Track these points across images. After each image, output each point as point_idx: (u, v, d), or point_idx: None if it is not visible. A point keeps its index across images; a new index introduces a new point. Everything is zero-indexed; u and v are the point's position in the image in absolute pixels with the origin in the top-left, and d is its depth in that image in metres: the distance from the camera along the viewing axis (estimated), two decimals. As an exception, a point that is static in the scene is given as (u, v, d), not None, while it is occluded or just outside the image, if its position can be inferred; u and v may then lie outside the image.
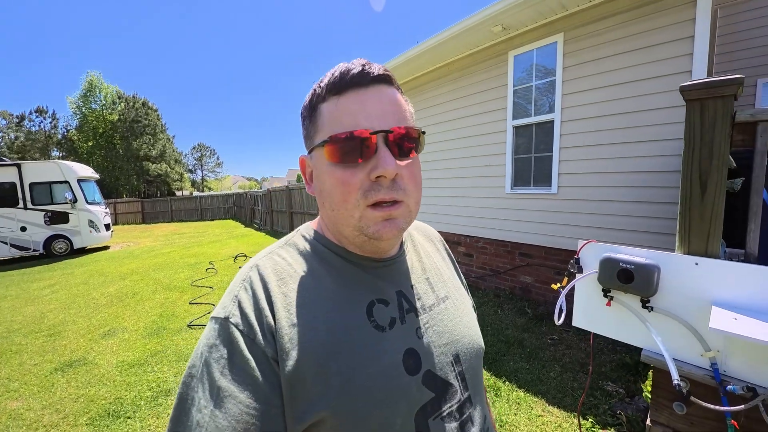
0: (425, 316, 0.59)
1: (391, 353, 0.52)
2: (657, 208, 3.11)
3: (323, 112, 0.52)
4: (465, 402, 0.57)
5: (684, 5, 2.84)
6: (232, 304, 0.50)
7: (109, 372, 3.19)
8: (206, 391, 0.45)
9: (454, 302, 0.66)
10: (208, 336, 0.49)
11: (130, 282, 6.49)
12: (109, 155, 32.90)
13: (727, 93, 1.19)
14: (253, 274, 0.53)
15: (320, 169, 0.53)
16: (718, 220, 1.26)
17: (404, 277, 0.61)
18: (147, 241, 12.61)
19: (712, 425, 1.28)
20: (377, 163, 0.49)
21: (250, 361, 0.45)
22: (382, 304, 0.55)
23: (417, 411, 0.51)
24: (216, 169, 65.02)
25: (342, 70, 0.50)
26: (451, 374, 0.56)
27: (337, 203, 0.52)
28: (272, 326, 0.48)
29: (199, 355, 0.48)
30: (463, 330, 0.63)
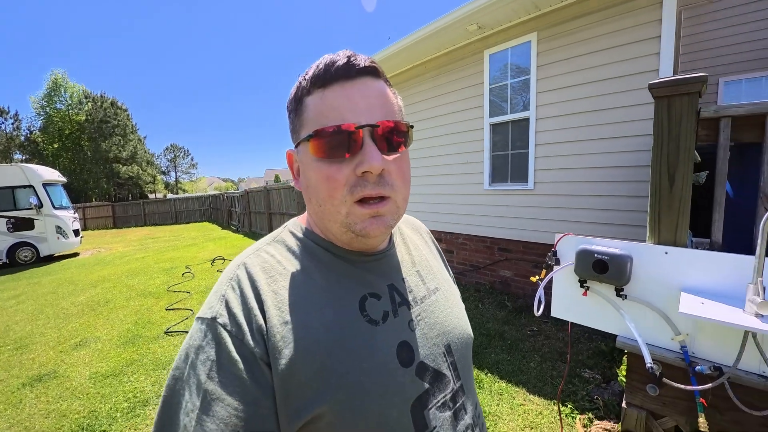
0: (417, 309, 0.59)
1: (385, 347, 0.52)
2: (627, 201, 3.25)
3: (308, 106, 0.50)
4: (458, 391, 0.58)
5: (651, 6, 2.96)
6: (219, 303, 0.49)
7: (82, 384, 3.05)
8: (193, 394, 0.44)
9: (443, 294, 0.66)
10: (193, 337, 0.48)
11: (102, 289, 6.22)
12: (77, 157, 31.33)
13: (692, 90, 1.25)
14: (240, 273, 0.52)
15: (306, 164, 0.52)
16: (686, 211, 1.33)
17: (395, 271, 0.61)
18: (119, 247, 12.12)
19: (683, 404, 1.36)
20: (363, 158, 0.47)
21: (238, 363, 0.44)
22: (374, 298, 0.55)
23: (413, 403, 0.51)
24: (190, 170, 63.13)
25: (327, 62, 0.49)
26: (443, 365, 0.57)
27: (323, 199, 0.51)
28: (262, 326, 0.47)
29: (185, 357, 0.47)
30: (453, 321, 0.63)
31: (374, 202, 0.50)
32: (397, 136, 0.51)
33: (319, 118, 0.49)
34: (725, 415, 1.27)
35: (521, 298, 4.19)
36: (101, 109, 32.74)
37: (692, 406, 1.31)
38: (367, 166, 0.47)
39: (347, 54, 0.49)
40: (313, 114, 0.50)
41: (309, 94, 0.50)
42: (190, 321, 4.35)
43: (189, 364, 0.46)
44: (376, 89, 0.50)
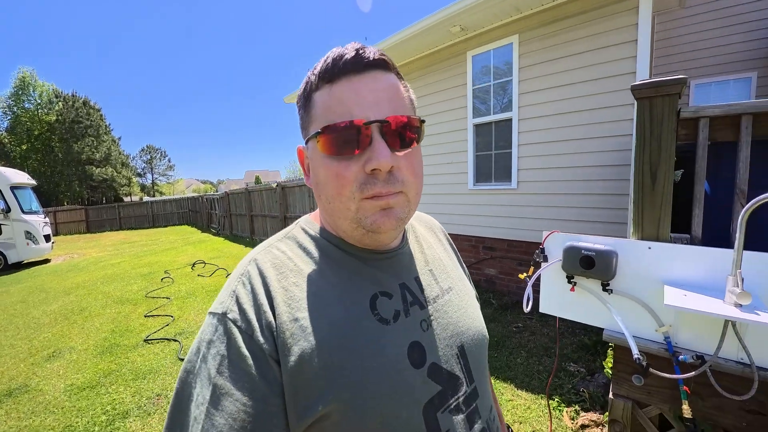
0: (430, 309, 0.58)
1: (396, 347, 0.51)
2: (607, 199, 3.35)
3: (316, 102, 0.49)
4: (471, 394, 0.57)
5: (627, 11, 3.07)
6: (230, 299, 0.49)
7: (57, 398, 2.91)
8: (204, 387, 0.44)
9: (457, 293, 0.65)
10: (205, 331, 0.48)
11: (76, 297, 5.97)
12: (47, 159, 30.00)
13: (672, 92, 1.30)
14: (251, 269, 0.52)
15: (316, 161, 0.52)
16: (668, 208, 1.38)
17: (407, 270, 0.60)
18: (93, 252, 11.65)
19: (667, 393, 1.41)
20: (371, 155, 0.46)
21: (247, 359, 0.44)
22: (386, 297, 0.54)
23: (425, 404, 0.50)
24: (168, 172, 61.37)
25: (335, 56, 0.48)
26: (456, 366, 0.56)
27: (332, 196, 0.50)
28: (272, 322, 0.47)
29: (196, 350, 0.48)
30: (467, 321, 0.62)
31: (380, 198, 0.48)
32: (409, 131, 0.49)
33: (327, 114, 0.48)
34: (707, 402, 1.32)
35: (506, 296, 4.27)
36: (73, 109, 31.48)
37: (676, 394, 1.36)
38: (376, 163, 0.46)
39: (356, 47, 0.48)
40: (321, 110, 0.49)
41: (317, 90, 0.49)
42: (171, 328, 4.23)
43: (200, 357, 0.47)
44: (385, 82, 0.49)
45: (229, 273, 6.85)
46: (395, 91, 0.50)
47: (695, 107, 1.37)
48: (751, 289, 1.19)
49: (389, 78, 0.50)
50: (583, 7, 3.32)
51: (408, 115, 0.50)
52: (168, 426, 0.46)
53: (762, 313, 1.09)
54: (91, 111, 33.42)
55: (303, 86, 0.53)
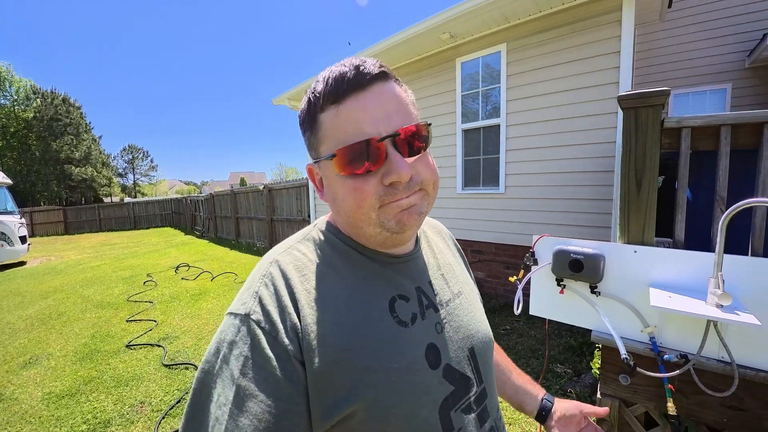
0: (443, 312, 0.60)
1: (415, 348, 0.53)
2: (591, 204, 3.45)
3: (324, 123, 0.50)
4: (481, 394, 0.59)
5: (610, 24, 3.18)
6: (253, 300, 0.49)
7: (34, 407, 2.79)
8: (226, 387, 0.44)
9: (467, 297, 0.67)
10: (226, 332, 0.48)
11: (54, 301, 5.76)
12: (24, 158, 28.94)
13: (656, 102, 1.37)
14: (273, 270, 0.52)
15: (332, 179, 0.52)
16: (652, 213, 1.44)
17: (421, 273, 0.62)
18: (72, 254, 11.27)
19: (652, 391, 1.46)
20: (390, 169, 0.48)
21: (271, 360, 0.45)
22: (403, 300, 0.56)
23: (440, 404, 0.52)
24: (150, 172, 59.95)
25: (336, 76, 0.48)
26: (467, 367, 0.58)
27: (351, 210, 0.51)
28: (296, 324, 0.47)
29: (215, 350, 0.48)
30: (476, 324, 0.65)
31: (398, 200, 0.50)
32: (418, 140, 0.51)
33: (338, 134, 0.48)
34: (690, 399, 1.37)
35: (494, 299, 4.32)
36: (52, 106, 30.48)
37: (661, 393, 1.41)
38: (396, 176, 0.47)
39: (354, 64, 0.48)
40: (331, 130, 0.49)
41: (323, 111, 0.49)
42: (154, 333, 4.13)
43: (221, 358, 0.47)
44: (389, 94, 0.49)
45: (214, 276, 6.74)
46: (399, 101, 0.51)
47: (678, 117, 1.43)
48: (732, 291, 1.25)
49: (391, 87, 0.51)
50: (569, 18, 3.42)
51: (416, 123, 0.51)
52: (185, 426, 0.46)
53: (741, 313, 1.15)
54: (70, 108, 32.43)
55: (305, 107, 0.52)
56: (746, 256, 1.28)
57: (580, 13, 3.34)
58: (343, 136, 0.47)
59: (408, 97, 0.53)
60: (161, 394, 2.86)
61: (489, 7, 3.53)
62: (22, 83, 29.24)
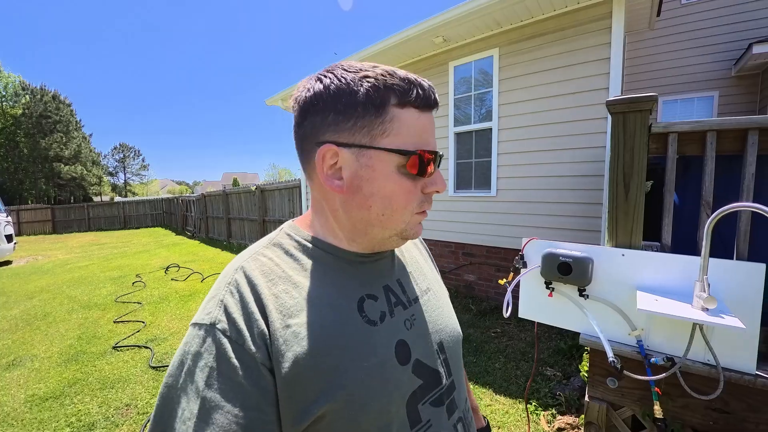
0: (411, 309, 0.61)
1: (384, 346, 0.54)
2: (581, 208, 3.48)
3: (401, 119, 0.50)
4: (449, 386, 0.61)
5: (601, 31, 3.23)
6: (218, 309, 0.49)
7: (16, 409, 2.73)
8: (190, 401, 0.43)
9: (435, 294, 0.69)
10: (190, 343, 0.47)
11: (40, 301, 5.65)
12: (11, 155, 28.40)
13: (644, 108, 1.39)
14: (239, 277, 0.52)
15: (379, 172, 0.50)
16: (640, 217, 1.46)
17: (389, 272, 0.63)
18: (59, 254, 11.08)
19: (639, 394, 1.47)
20: (435, 181, 0.54)
21: (238, 369, 0.44)
22: (372, 299, 0.57)
23: (408, 398, 0.54)
24: (141, 172, 59.17)
25: (427, 92, 0.51)
26: (437, 361, 0.60)
27: (395, 208, 0.52)
28: (264, 331, 0.47)
29: (179, 363, 0.47)
30: (445, 320, 0.67)
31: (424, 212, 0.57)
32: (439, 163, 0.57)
33: (414, 137, 0.51)
34: (676, 401, 1.39)
35: (485, 301, 4.34)
36: (41, 103, 29.98)
37: (648, 395, 1.42)
38: (440, 187, 0.55)
39: (433, 88, 0.53)
40: (407, 130, 0.50)
41: (401, 107, 0.50)
42: (141, 334, 4.07)
43: (185, 371, 0.46)
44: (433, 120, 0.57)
45: (204, 277, 6.67)
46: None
47: (665, 123, 1.45)
48: (717, 294, 1.27)
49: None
50: (560, 24, 3.47)
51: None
52: None
53: (726, 317, 1.16)
54: (60, 106, 31.93)
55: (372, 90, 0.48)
56: (731, 260, 1.30)
57: (571, 20, 3.39)
58: (418, 141, 0.51)
59: None
60: (147, 396, 2.81)
61: (481, 12, 3.56)
62: (11, 79, 28.73)
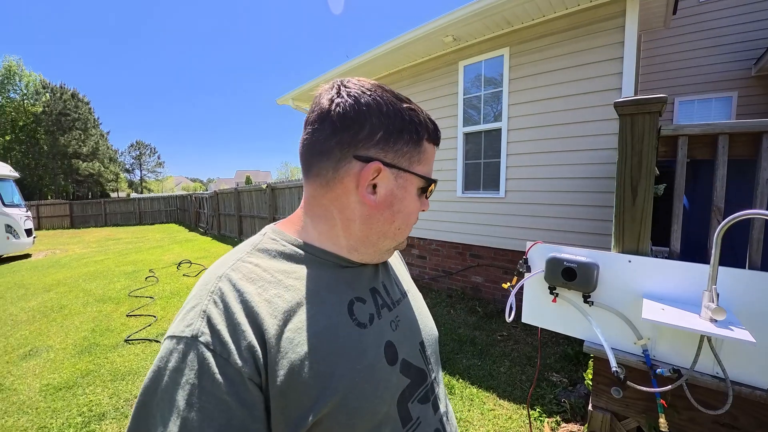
0: (395, 311, 0.63)
1: (374, 348, 0.54)
2: (592, 210, 3.41)
3: (428, 152, 0.59)
4: (432, 383, 0.64)
5: (614, 29, 3.15)
6: (200, 320, 0.45)
7: (31, 398, 2.82)
8: (169, 423, 0.40)
9: (413, 296, 0.72)
10: (167, 359, 0.44)
11: (56, 294, 5.81)
12: (32, 151, 29.25)
13: (653, 109, 1.34)
14: (223, 285, 0.49)
15: (406, 192, 0.57)
16: (648, 222, 1.41)
17: (374, 276, 0.64)
18: (76, 248, 11.38)
19: (644, 405, 1.43)
20: (426, 202, 0.62)
21: (221, 386, 0.42)
22: (360, 302, 0.57)
23: (398, 397, 0.55)
24: (157, 169, 60.41)
25: (438, 130, 0.61)
26: (420, 360, 0.62)
27: (409, 224, 0.60)
28: (252, 342, 0.45)
29: (155, 379, 0.43)
30: (423, 320, 0.70)
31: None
32: None
33: (427, 167, 0.59)
34: (682, 414, 1.35)
35: (492, 304, 4.29)
36: (60, 101, 30.81)
37: (653, 407, 1.38)
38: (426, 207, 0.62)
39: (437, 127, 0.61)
40: (425, 161, 0.59)
41: (429, 142, 0.59)
42: (153, 328, 4.15)
43: (162, 388, 0.43)
44: None
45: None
46: None
47: (675, 125, 1.40)
48: (727, 305, 1.22)
49: None
50: (572, 23, 3.39)
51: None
52: None
53: (736, 329, 1.12)
54: (79, 104, 32.76)
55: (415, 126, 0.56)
56: (743, 269, 1.25)
57: (583, 19, 3.31)
58: (430, 170, 0.60)
59: None
60: (155, 390, 2.86)
61: (492, 11, 3.51)
62: (32, 77, 29.50)
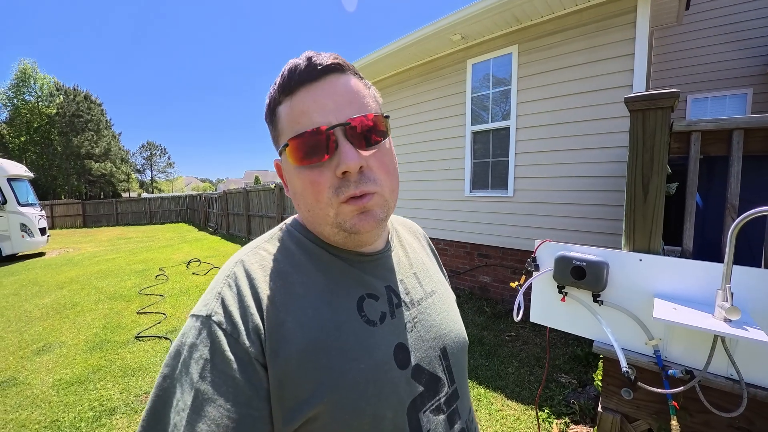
0: (414, 311, 0.59)
1: (383, 348, 0.52)
2: (602, 210, 3.36)
3: (281, 115, 0.51)
4: (452, 395, 0.58)
5: (625, 26, 3.10)
6: (215, 301, 0.48)
7: (44, 392, 2.88)
8: (185, 392, 0.43)
9: (440, 297, 0.66)
10: (186, 334, 0.47)
11: (69, 292, 5.93)
12: (46, 152, 29.87)
13: (665, 105, 1.31)
14: (238, 270, 0.51)
15: (290, 172, 0.53)
16: (659, 220, 1.39)
17: (392, 272, 0.61)
18: (89, 247, 11.59)
19: (655, 407, 1.40)
20: (339, 159, 0.47)
21: (231, 363, 0.43)
22: (372, 299, 0.55)
23: (408, 405, 0.51)
24: (167, 169, 61.35)
25: (290, 68, 0.49)
26: (438, 368, 0.57)
27: (310, 204, 0.51)
28: (258, 325, 0.46)
29: (175, 353, 0.46)
30: (449, 324, 0.63)
31: (359, 198, 0.49)
32: (374, 132, 0.50)
33: (292, 125, 0.49)
34: (695, 417, 1.31)
35: (500, 304, 4.25)
36: (73, 103, 31.43)
37: (664, 409, 1.35)
38: (344, 166, 0.47)
39: (308, 56, 0.49)
40: (286, 122, 0.50)
41: (280, 104, 0.50)
42: (162, 325, 4.20)
43: (181, 361, 0.45)
44: (342, 86, 0.50)
45: (223, 272, 6.83)
46: (354, 93, 0.50)
47: (687, 121, 1.37)
48: (742, 304, 1.19)
49: (347, 80, 0.50)
50: (582, 20, 3.35)
51: (372, 113, 0.50)
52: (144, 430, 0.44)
53: (751, 329, 1.09)
54: (92, 105, 33.38)
55: (267, 102, 0.53)
56: (758, 268, 1.22)
57: (594, 15, 3.26)
58: (296, 127, 0.48)
59: (367, 91, 0.53)
60: (164, 387, 2.90)
61: (500, 8, 3.48)
62: (46, 80, 30.09)
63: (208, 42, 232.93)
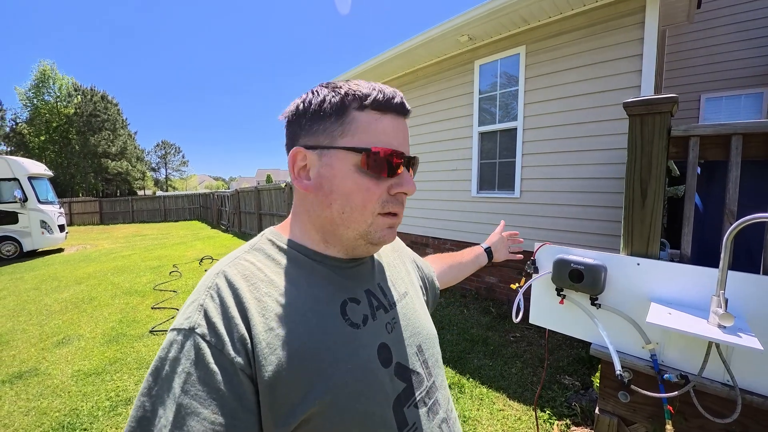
0: (392, 312, 0.63)
1: (367, 348, 0.55)
2: (608, 211, 3.33)
3: (359, 120, 0.54)
4: (431, 387, 0.62)
5: (633, 26, 3.06)
6: (198, 313, 0.48)
7: (64, 382, 3.02)
8: (166, 409, 0.43)
9: (411, 297, 0.71)
10: (167, 349, 0.47)
11: (87, 287, 6.13)
12: (64, 151, 30.78)
13: (664, 110, 1.32)
14: (219, 281, 0.51)
15: (338, 170, 0.54)
16: (657, 224, 1.39)
17: (370, 277, 0.65)
18: (105, 243, 11.92)
19: (651, 411, 1.41)
20: (402, 182, 0.56)
21: (216, 374, 0.44)
22: (354, 303, 0.58)
23: (393, 401, 0.55)
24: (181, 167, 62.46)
25: (388, 95, 0.55)
26: (417, 363, 0.62)
27: (355, 206, 0.55)
28: (244, 335, 0.47)
29: (156, 370, 0.46)
30: (422, 322, 0.69)
31: (392, 216, 0.58)
32: (415, 168, 0.62)
33: (370, 136, 0.54)
34: (690, 422, 1.32)
35: (505, 304, 4.26)
36: (91, 103, 32.22)
37: (660, 413, 1.36)
38: (407, 188, 0.56)
39: (400, 95, 0.57)
40: (364, 130, 0.54)
41: (361, 110, 0.54)
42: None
43: (162, 377, 0.45)
44: (407, 129, 0.60)
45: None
46: (409, 136, 0.61)
47: (686, 126, 1.37)
48: (738, 311, 1.20)
49: (407, 125, 0.61)
50: (590, 20, 3.32)
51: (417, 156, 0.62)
52: None
53: (744, 336, 1.09)
54: (108, 105, 34.18)
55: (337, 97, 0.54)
56: (755, 275, 1.22)
57: (601, 15, 3.23)
58: (375, 140, 0.54)
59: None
60: (176, 380, 3.00)
61: (508, 9, 3.47)
62: (64, 81, 30.92)
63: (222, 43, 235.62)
